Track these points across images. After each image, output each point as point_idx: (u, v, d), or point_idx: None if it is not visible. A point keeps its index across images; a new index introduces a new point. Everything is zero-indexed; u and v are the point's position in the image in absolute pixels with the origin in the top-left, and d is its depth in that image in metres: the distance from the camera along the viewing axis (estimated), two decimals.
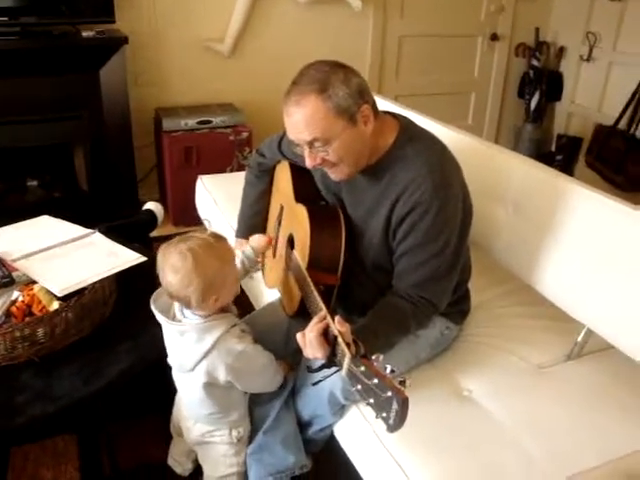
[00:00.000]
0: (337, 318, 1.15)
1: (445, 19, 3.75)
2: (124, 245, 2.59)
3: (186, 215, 2.96)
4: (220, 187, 2.62)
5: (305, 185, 1.56)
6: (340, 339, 1.11)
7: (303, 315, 1.36)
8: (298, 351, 1.31)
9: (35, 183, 3.15)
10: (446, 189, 1.30)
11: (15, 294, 1.55)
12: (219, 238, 1.31)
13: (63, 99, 2.71)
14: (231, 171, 3.14)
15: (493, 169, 1.76)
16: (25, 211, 2.87)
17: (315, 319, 1.20)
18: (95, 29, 2.69)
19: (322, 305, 1.23)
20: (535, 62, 3.96)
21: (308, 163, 1.32)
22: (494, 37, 3.92)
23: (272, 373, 1.39)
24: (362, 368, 1.02)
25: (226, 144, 3.11)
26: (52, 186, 3.05)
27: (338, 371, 1.13)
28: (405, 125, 1.37)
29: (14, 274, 1.60)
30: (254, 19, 3.24)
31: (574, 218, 1.47)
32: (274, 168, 1.79)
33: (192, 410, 1.42)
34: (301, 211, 1.47)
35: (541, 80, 3.95)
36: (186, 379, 1.36)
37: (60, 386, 1.41)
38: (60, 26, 2.64)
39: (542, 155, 3.94)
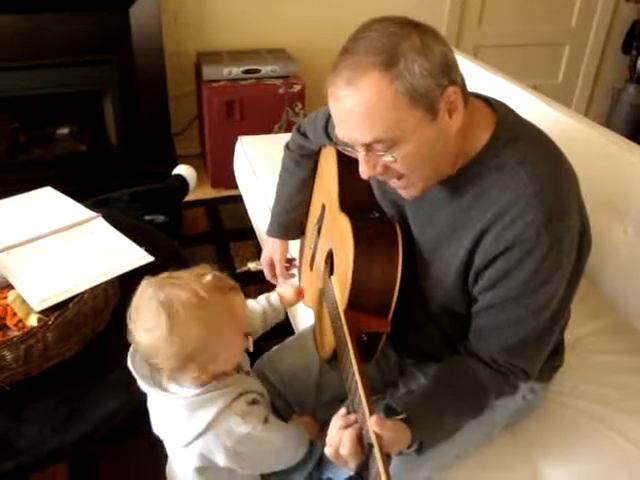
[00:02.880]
0: (374, 417, 0.79)
1: None
2: (151, 214, 2.32)
3: (226, 177, 2.58)
4: (262, 152, 2.24)
5: (355, 186, 1.15)
6: (376, 450, 0.76)
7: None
8: (332, 404, 1.02)
9: (66, 131, 2.86)
10: (562, 220, 0.88)
11: None
12: (219, 290, 0.91)
13: (90, 41, 2.36)
14: (280, 130, 2.75)
15: (609, 169, 1.32)
16: (50, 165, 2.64)
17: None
18: None
19: (359, 381, 0.86)
20: None
21: (363, 172, 0.92)
22: None
23: (292, 450, 1.04)
24: None
25: (275, 98, 2.70)
26: (79, 138, 2.74)
27: None
28: (503, 117, 0.94)
29: None
30: None
31: None
32: (319, 150, 1.40)
33: None
34: (344, 225, 1.08)
35: None
36: (177, 453, 1.03)
37: (23, 435, 1.10)
38: None
39: None
